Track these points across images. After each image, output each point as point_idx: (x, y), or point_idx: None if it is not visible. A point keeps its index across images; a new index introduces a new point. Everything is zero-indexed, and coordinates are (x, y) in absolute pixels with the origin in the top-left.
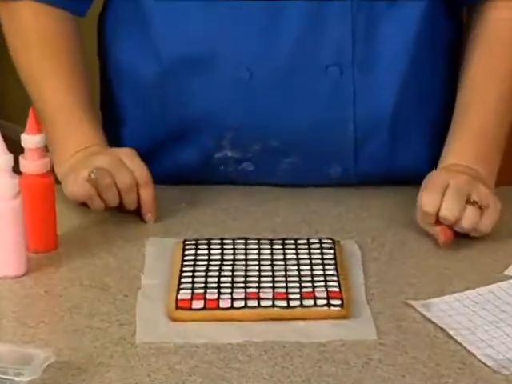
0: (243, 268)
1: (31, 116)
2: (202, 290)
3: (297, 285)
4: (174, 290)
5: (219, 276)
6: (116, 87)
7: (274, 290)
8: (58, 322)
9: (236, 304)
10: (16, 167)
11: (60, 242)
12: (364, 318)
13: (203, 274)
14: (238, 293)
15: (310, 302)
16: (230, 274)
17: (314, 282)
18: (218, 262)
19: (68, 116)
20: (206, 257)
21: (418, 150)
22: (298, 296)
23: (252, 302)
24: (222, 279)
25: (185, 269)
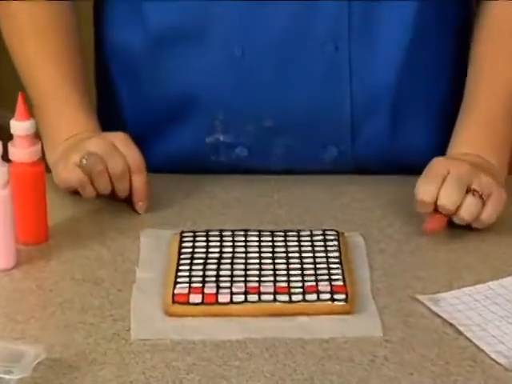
0: (243, 261)
1: (20, 102)
2: (200, 284)
3: (299, 278)
4: (170, 284)
5: (218, 269)
6: (108, 65)
7: (275, 283)
8: (49, 317)
9: (235, 298)
10: (5, 155)
11: (51, 233)
12: (369, 313)
13: (201, 267)
14: (238, 287)
15: (313, 296)
16: (229, 267)
17: (317, 275)
18: (217, 255)
19: (61, 101)
20: (204, 249)
21: (421, 134)
22: (301, 290)
23: (252, 297)
24: (221, 272)
25: (182, 262)
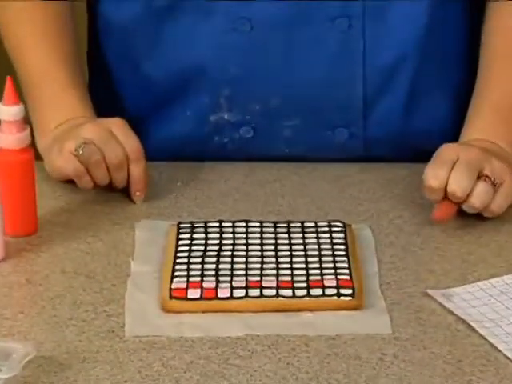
0: (244, 254)
1: (8, 85)
2: (199, 278)
3: (303, 272)
4: (167, 278)
5: (217, 262)
6: (102, 42)
7: (278, 278)
8: (39, 313)
9: (236, 293)
10: None
11: (41, 224)
12: (378, 309)
13: (200, 260)
14: (239, 281)
15: (318, 291)
16: (229, 260)
17: (322, 269)
18: (216, 247)
19: (54, 82)
20: (202, 241)
21: (435, 117)
22: (305, 285)
23: (254, 292)
24: (221, 266)
25: (179, 254)
